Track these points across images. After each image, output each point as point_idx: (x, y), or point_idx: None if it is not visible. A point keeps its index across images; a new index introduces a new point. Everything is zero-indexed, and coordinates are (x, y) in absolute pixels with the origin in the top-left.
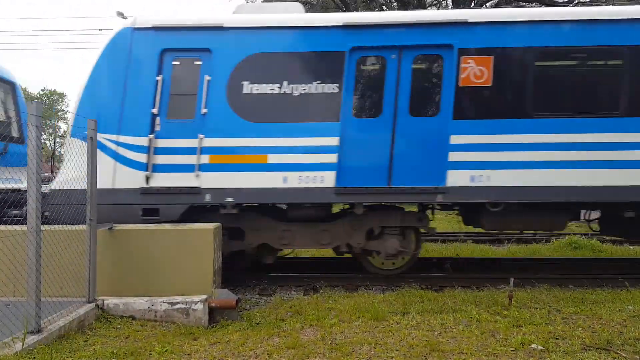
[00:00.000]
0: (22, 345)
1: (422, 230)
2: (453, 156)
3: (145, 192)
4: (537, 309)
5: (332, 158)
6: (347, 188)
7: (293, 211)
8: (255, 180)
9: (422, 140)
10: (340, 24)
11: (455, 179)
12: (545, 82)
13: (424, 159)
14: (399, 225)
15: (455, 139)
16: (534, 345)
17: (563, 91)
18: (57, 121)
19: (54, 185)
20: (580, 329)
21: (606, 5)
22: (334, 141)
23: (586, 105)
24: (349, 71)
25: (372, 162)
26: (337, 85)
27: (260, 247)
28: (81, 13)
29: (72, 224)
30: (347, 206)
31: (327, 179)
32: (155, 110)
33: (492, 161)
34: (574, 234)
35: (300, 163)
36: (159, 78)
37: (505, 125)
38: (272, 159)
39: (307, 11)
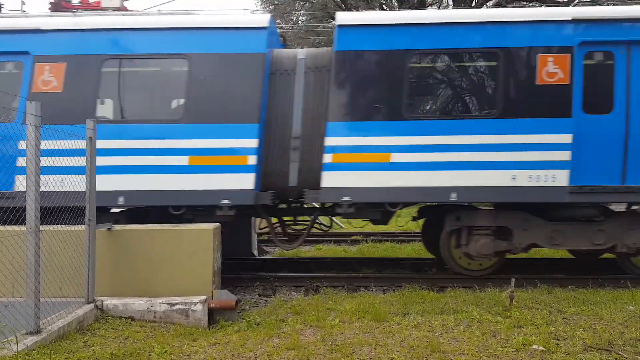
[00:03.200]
0: (21, 346)
1: None
2: None
3: None
4: (538, 309)
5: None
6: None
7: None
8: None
9: None
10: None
11: None
12: None
13: None
14: None
15: None
16: (535, 346)
17: None
18: None
19: None
20: (581, 329)
21: (607, 4)
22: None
23: None
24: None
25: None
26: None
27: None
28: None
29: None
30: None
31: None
32: None
33: None
34: None
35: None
36: None
37: None
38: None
39: (306, 10)
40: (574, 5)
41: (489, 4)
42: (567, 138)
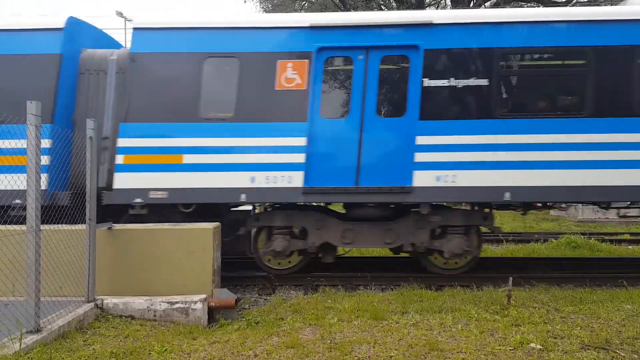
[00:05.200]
0: (21, 345)
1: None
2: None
3: None
4: (535, 308)
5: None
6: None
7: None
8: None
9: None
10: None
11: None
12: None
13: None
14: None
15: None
16: (532, 345)
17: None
18: None
19: None
20: (578, 328)
21: (604, 5)
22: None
23: None
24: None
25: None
26: None
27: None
28: (79, 13)
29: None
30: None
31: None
32: None
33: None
34: (573, 233)
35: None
36: None
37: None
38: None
39: (306, 11)
40: (571, 6)
41: (487, 4)
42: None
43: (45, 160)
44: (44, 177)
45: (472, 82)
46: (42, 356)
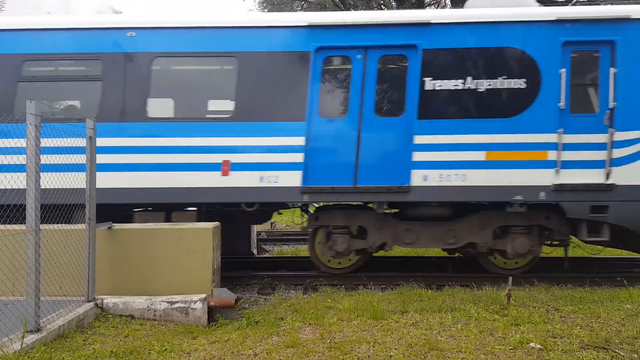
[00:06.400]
0: (21, 344)
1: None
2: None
3: None
4: (535, 307)
5: None
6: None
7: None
8: None
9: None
10: None
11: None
12: None
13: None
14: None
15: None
16: (532, 344)
17: None
18: None
19: None
20: (578, 327)
21: (604, 4)
22: None
23: None
24: None
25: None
26: None
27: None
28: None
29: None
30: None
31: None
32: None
33: None
34: None
35: None
36: None
37: None
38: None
39: (304, 10)
40: (572, 5)
41: None
42: None
43: None
44: None
45: None
46: (42, 355)
